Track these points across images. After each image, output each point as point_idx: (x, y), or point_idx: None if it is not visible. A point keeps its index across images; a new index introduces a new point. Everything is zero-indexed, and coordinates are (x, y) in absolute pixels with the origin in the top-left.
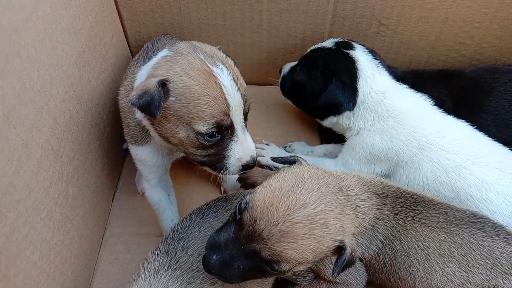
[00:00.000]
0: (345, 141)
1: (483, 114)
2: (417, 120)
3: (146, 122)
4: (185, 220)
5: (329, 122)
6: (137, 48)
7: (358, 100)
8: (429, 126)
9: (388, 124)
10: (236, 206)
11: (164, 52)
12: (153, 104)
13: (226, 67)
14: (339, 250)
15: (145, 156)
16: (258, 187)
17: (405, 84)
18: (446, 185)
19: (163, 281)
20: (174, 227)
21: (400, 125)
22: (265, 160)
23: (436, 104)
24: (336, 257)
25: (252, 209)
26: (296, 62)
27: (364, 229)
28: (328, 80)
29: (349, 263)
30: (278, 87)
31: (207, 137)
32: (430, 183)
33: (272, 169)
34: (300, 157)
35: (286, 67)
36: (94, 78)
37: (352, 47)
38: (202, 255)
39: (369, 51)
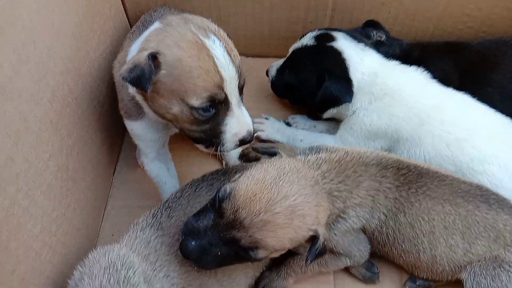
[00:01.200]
0: None
1: (489, 87)
2: (413, 96)
3: (139, 98)
4: (180, 190)
5: (329, 114)
6: (135, 20)
7: (355, 89)
8: (427, 100)
9: (384, 102)
10: (215, 194)
11: (155, 25)
12: (143, 77)
13: (218, 38)
14: (313, 239)
15: (141, 131)
16: (240, 177)
17: (409, 56)
18: (448, 159)
19: (147, 235)
20: (170, 196)
21: (397, 102)
22: (265, 134)
23: (441, 77)
24: (309, 246)
25: (234, 198)
26: (281, 61)
27: (359, 201)
28: (320, 78)
29: (322, 252)
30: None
31: (201, 111)
32: (432, 158)
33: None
34: (280, 151)
35: (273, 70)
36: (93, 50)
37: (333, 39)
38: (180, 239)
39: (350, 35)
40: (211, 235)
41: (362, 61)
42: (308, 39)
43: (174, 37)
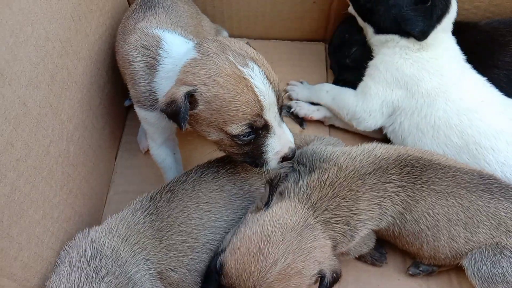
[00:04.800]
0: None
1: (496, 69)
2: (448, 60)
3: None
4: (184, 174)
5: (385, 38)
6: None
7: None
8: (454, 67)
9: (424, 55)
10: (212, 266)
11: (191, 53)
12: (179, 116)
13: (257, 65)
14: (321, 277)
15: (154, 120)
16: (227, 249)
17: None
18: (456, 129)
19: (136, 219)
20: (172, 179)
21: (435, 59)
22: (295, 94)
23: None
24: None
25: (228, 276)
26: None
27: (370, 214)
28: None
29: (333, 283)
30: (279, 42)
31: (241, 137)
32: (442, 125)
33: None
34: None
35: None
36: (92, 32)
37: None
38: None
39: None
40: None
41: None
42: None
43: (211, 70)
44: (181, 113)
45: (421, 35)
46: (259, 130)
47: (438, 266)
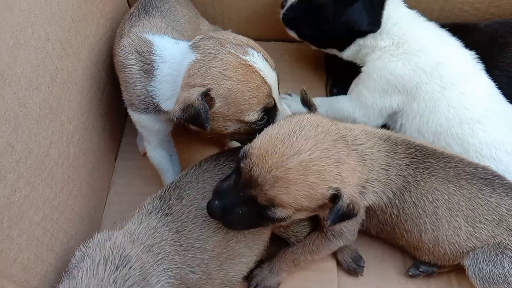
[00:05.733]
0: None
1: (496, 70)
2: (445, 56)
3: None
4: (185, 170)
5: (351, 51)
6: (135, 1)
7: (383, 21)
8: (457, 65)
9: (412, 50)
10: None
11: (191, 56)
12: (200, 118)
13: (254, 50)
14: (335, 198)
15: (148, 123)
16: (258, 135)
17: None
18: (457, 137)
19: (153, 222)
20: (176, 178)
21: (427, 56)
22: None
23: None
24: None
25: (249, 156)
26: None
27: (377, 175)
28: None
29: (347, 215)
30: (279, 43)
31: (258, 122)
32: (443, 132)
33: None
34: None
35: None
36: (92, 34)
37: None
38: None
39: None
40: (232, 195)
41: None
42: None
43: (218, 67)
44: (201, 115)
45: (373, 25)
46: (270, 111)
47: (438, 267)
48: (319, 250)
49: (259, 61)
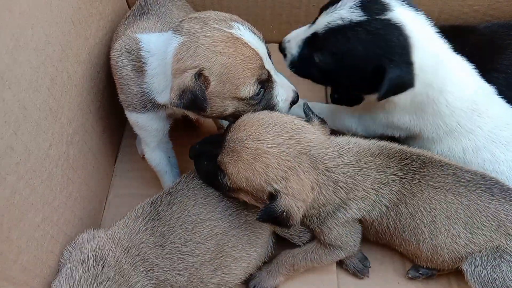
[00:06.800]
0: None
1: (494, 72)
2: (451, 104)
3: (190, 112)
4: (180, 178)
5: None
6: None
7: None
8: (465, 105)
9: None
10: None
11: (176, 39)
12: (198, 99)
13: (239, 23)
14: (272, 198)
15: (145, 123)
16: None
17: None
18: (460, 159)
19: (137, 225)
20: (172, 184)
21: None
22: None
23: None
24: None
25: (235, 123)
26: (298, 34)
27: (363, 193)
28: (378, 67)
29: (279, 221)
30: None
31: (255, 97)
32: (445, 155)
33: None
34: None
35: (292, 46)
36: (92, 36)
37: (386, 7)
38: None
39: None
40: (210, 146)
41: (428, 41)
42: (349, 12)
43: (206, 44)
44: (199, 96)
45: (413, 83)
46: (265, 83)
47: (437, 270)
48: (321, 260)
49: (246, 33)
